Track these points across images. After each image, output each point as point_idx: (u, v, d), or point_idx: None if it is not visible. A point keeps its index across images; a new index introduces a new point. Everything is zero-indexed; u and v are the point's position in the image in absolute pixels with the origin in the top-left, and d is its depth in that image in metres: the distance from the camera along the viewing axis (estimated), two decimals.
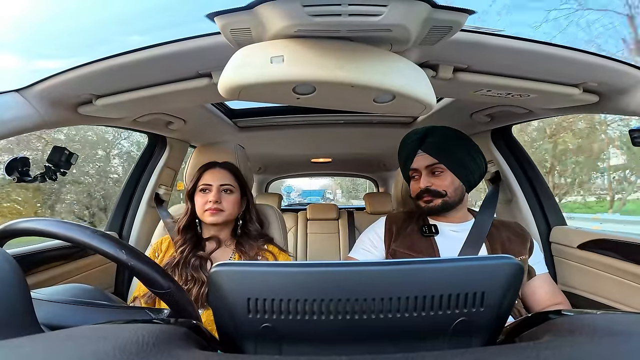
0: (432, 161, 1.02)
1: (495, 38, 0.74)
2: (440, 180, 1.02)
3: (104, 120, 1.15)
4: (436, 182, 1.02)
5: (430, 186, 1.02)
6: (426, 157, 1.03)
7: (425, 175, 1.04)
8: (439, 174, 1.03)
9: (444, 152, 1.02)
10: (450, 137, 1.05)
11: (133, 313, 0.60)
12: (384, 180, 3.51)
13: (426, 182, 1.03)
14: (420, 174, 1.05)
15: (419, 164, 1.05)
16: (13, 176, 0.93)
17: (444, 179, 1.02)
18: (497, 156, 1.51)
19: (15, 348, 0.31)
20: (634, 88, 0.86)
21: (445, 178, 1.02)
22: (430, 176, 1.03)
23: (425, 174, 1.04)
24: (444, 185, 1.02)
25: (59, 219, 0.49)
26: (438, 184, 1.02)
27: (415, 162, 1.06)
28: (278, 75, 0.59)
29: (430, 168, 1.03)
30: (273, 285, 0.37)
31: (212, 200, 1.03)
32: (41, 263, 1.10)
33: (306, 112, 1.63)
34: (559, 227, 1.38)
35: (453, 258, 0.49)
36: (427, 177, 1.04)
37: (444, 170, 1.02)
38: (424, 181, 1.03)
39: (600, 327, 0.34)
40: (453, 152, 1.02)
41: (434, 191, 1.02)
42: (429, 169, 1.03)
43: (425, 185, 1.03)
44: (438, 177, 1.03)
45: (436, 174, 1.03)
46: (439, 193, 1.02)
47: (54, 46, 8.27)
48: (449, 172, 1.02)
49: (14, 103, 0.87)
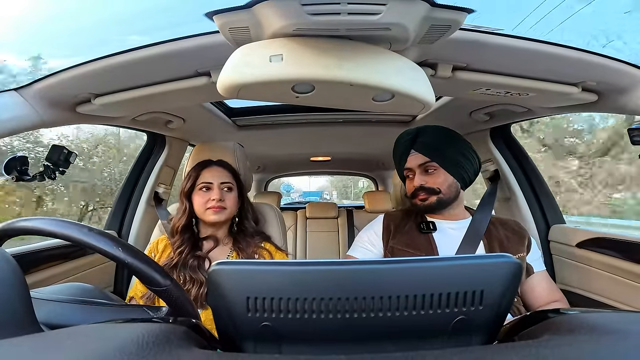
0: (425, 160, 1.04)
1: (494, 37, 0.74)
2: (433, 178, 1.04)
3: (102, 120, 1.15)
4: (430, 180, 1.04)
5: (424, 184, 1.04)
6: (419, 156, 1.05)
7: (419, 173, 1.06)
8: (432, 172, 1.04)
9: (436, 151, 1.04)
10: (442, 135, 1.07)
11: (132, 311, 0.60)
12: (383, 179, 3.51)
13: (420, 180, 1.05)
14: (414, 172, 1.07)
15: (412, 163, 1.07)
16: (12, 175, 0.93)
17: (437, 177, 1.04)
18: (496, 155, 1.51)
19: (14, 347, 0.31)
20: (632, 87, 0.86)
21: (438, 176, 1.04)
22: (424, 174, 1.05)
23: (419, 172, 1.06)
24: (438, 183, 1.03)
25: (58, 217, 0.49)
26: (432, 181, 1.04)
27: (409, 162, 1.08)
28: (277, 74, 0.59)
29: (423, 166, 1.05)
30: (272, 284, 0.37)
31: (215, 198, 1.03)
32: (40, 262, 1.10)
33: (305, 110, 1.63)
34: (558, 225, 1.39)
35: (452, 257, 0.49)
36: (420, 175, 1.05)
37: (437, 168, 1.04)
38: (417, 179, 1.06)
39: (598, 326, 0.34)
40: (445, 150, 1.04)
41: (428, 188, 1.04)
42: (422, 168, 1.05)
43: (420, 184, 1.05)
44: (431, 175, 1.05)
45: (429, 172, 1.05)
46: (433, 190, 1.04)
47: (55, 46, 8.26)
48: (441, 170, 1.04)
49: (12, 102, 0.86)
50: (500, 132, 1.52)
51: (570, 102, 0.99)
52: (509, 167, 1.49)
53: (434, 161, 1.03)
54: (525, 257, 1.02)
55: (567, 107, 1.06)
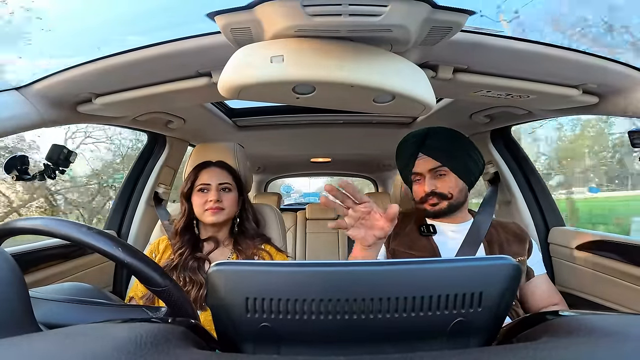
0: (435, 164, 1.00)
1: (495, 39, 0.74)
2: (444, 182, 1.00)
3: (103, 119, 1.15)
4: (440, 184, 1.00)
5: (435, 189, 1.00)
6: (428, 160, 1.01)
7: (429, 178, 1.01)
8: (442, 177, 1.01)
9: (446, 155, 1.00)
10: (451, 138, 1.03)
11: (131, 312, 0.60)
12: (383, 181, 3.50)
13: (431, 185, 1.00)
14: (424, 177, 1.03)
15: (422, 168, 1.02)
16: (12, 174, 0.93)
17: (448, 181, 1.00)
18: (496, 157, 1.51)
19: (13, 347, 0.30)
20: (633, 89, 0.86)
21: (449, 180, 1.00)
22: (435, 179, 1.01)
23: (429, 177, 1.01)
24: (449, 188, 1.00)
25: (58, 217, 0.49)
26: (443, 186, 1.00)
27: (418, 166, 1.03)
28: (278, 75, 0.59)
29: (433, 171, 1.01)
30: (271, 285, 0.36)
31: (212, 199, 1.02)
32: (40, 262, 1.10)
33: (306, 111, 1.62)
34: (557, 227, 1.39)
35: (451, 258, 0.49)
36: (431, 180, 1.01)
37: (447, 172, 1.00)
38: (429, 185, 1.01)
39: (597, 328, 0.34)
40: (454, 154, 1.00)
41: (439, 194, 1.00)
42: (433, 172, 1.01)
43: (431, 189, 1.00)
44: (442, 179, 1.01)
45: (440, 177, 1.01)
46: (445, 195, 1.00)
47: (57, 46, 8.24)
48: (452, 174, 1.00)
49: (13, 101, 0.86)
50: (501, 134, 1.52)
51: (571, 104, 0.99)
52: (509, 169, 1.49)
53: (445, 166, 0.99)
54: (525, 260, 1.01)
55: (567, 109, 1.06)
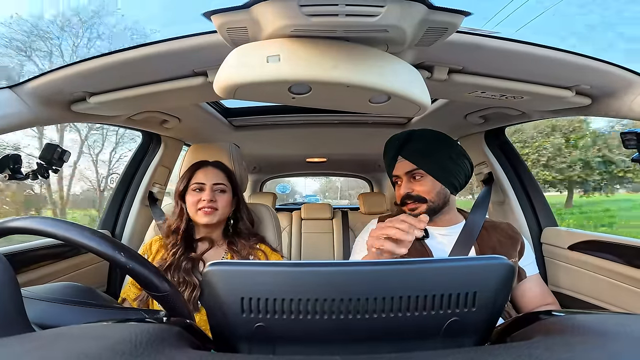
0: (412, 167, 1.00)
1: (490, 40, 0.75)
2: (420, 185, 1.00)
3: (97, 118, 1.14)
4: (417, 187, 1.00)
5: (410, 192, 1.00)
6: (406, 163, 1.01)
7: (405, 181, 1.02)
8: (419, 179, 1.00)
9: (424, 157, 1.00)
10: (430, 140, 1.03)
11: (126, 313, 0.60)
12: (378, 181, 3.51)
13: (406, 188, 1.01)
14: (402, 179, 1.03)
15: (399, 171, 1.03)
16: (4, 174, 0.92)
17: (424, 184, 1.00)
18: (490, 157, 1.52)
19: (5, 347, 0.30)
20: (626, 91, 0.87)
21: (425, 183, 1.00)
22: (411, 182, 1.01)
23: (406, 180, 1.02)
24: (425, 191, 0.99)
25: (58, 217, 0.48)
26: (418, 189, 1.00)
27: (396, 169, 1.04)
28: (274, 75, 0.59)
29: (410, 174, 1.01)
30: (267, 285, 0.37)
31: (206, 199, 1.02)
32: (33, 261, 1.09)
33: (302, 111, 1.62)
34: (550, 228, 1.40)
35: (445, 258, 0.49)
36: (407, 182, 1.01)
37: (424, 175, 1.00)
38: (404, 187, 1.01)
39: (590, 328, 0.34)
40: (433, 156, 1.00)
41: (415, 197, 1.00)
42: (409, 175, 1.01)
43: (406, 191, 1.01)
44: (418, 182, 1.00)
45: (417, 179, 1.01)
46: (421, 198, 1.00)
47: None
48: (429, 177, 1.00)
49: (6, 100, 0.85)
50: (495, 135, 1.53)
51: (564, 105, 1.00)
52: (503, 169, 1.50)
53: (420, 168, 0.99)
54: (517, 262, 1.01)
55: (561, 110, 1.07)
